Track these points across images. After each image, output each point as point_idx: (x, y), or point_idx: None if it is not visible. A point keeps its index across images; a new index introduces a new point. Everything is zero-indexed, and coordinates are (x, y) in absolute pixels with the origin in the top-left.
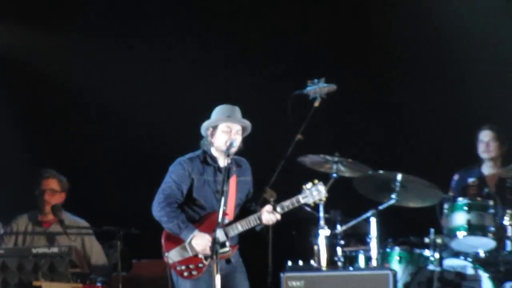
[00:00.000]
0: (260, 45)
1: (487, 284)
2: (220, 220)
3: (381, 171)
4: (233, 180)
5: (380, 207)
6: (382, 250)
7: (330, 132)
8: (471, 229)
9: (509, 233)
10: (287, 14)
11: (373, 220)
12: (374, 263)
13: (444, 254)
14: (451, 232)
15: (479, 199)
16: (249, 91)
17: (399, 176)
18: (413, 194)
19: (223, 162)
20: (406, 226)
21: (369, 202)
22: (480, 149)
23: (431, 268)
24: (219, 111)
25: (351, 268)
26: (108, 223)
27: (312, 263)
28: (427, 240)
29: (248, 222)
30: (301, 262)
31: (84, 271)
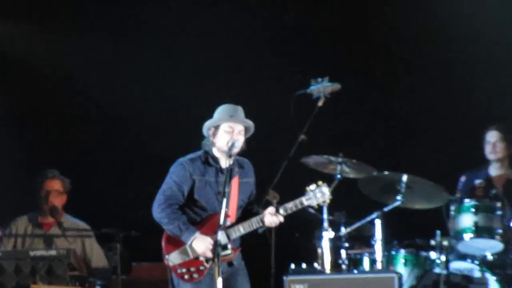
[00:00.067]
0: (263, 43)
1: (494, 287)
2: (221, 222)
3: (386, 172)
4: (235, 181)
5: (385, 209)
6: (387, 252)
7: (334, 132)
8: (478, 231)
9: None
10: (291, 11)
11: (378, 222)
12: (379, 266)
13: (451, 256)
14: (458, 234)
15: (486, 200)
16: (251, 90)
17: (405, 177)
18: (419, 196)
19: (225, 163)
20: (411, 228)
21: (374, 203)
22: (487, 150)
23: (437, 271)
24: (221, 111)
25: (355, 271)
26: (108, 225)
27: (316, 266)
28: (433, 243)
29: (251, 224)
30: (304, 265)
31: (82, 274)
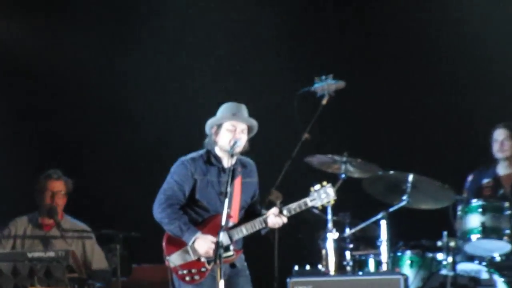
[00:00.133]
0: (267, 41)
1: None
2: (223, 223)
3: (391, 172)
4: (238, 181)
5: (391, 209)
6: (392, 254)
7: (339, 131)
8: (486, 231)
9: None
10: (296, 8)
11: (383, 222)
12: (385, 267)
13: (458, 258)
14: (465, 235)
15: (494, 200)
16: (254, 88)
17: (411, 177)
18: (425, 196)
19: (227, 163)
20: (417, 229)
21: (379, 204)
22: (495, 148)
23: (444, 272)
24: (224, 109)
25: (360, 273)
26: (107, 226)
27: (320, 267)
28: (439, 244)
29: (253, 225)
30: (308, 267)
31: (81, 276)
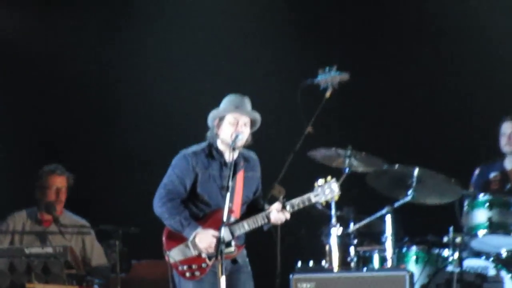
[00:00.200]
0: (270, 33)
1: (509, 286)
2: (225, 218)
3: (396, 166)
4: (240, 175)
5: (396, 204)
6: (398, 250)
7: (342, 125)
8: (493, 227)
9: None
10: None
11: (388, 218)
12: (390, 263)
13: (464, 254)
14: (472, 231)
15: (501, 195)
16: (257, 81)
17: (416, 171)
18: (430, 190)
19: (229, 156)
20: (423, 225)
21: (384, 198)
22: (502, 142)
23: (450, 269)
24: (227, 101)
25: (365, 269)
26: (106, 222)
27: (324, 264)
28: (445, 239)
29: (256, 220)
30: (311, 263)
31: (80, 272)
